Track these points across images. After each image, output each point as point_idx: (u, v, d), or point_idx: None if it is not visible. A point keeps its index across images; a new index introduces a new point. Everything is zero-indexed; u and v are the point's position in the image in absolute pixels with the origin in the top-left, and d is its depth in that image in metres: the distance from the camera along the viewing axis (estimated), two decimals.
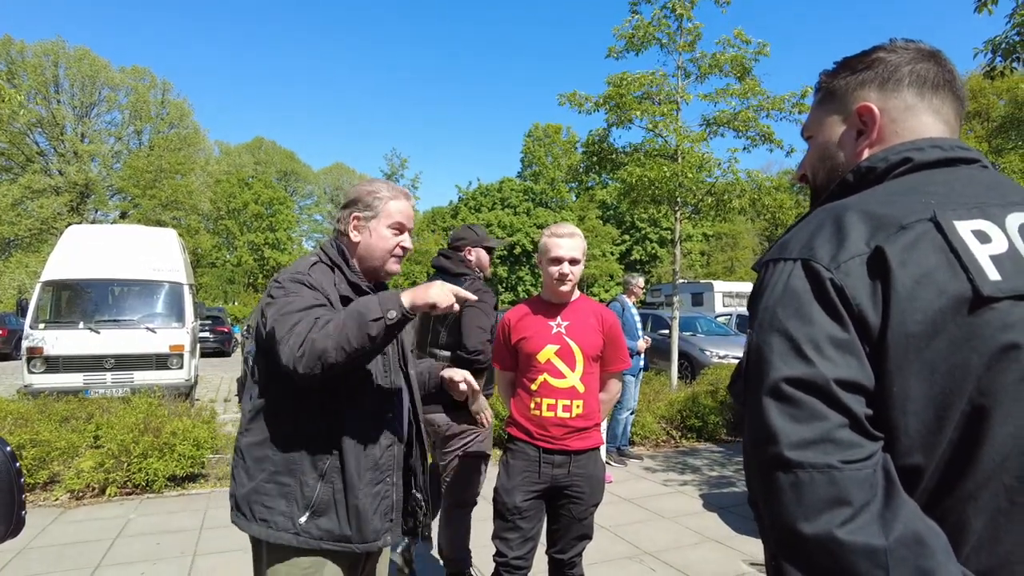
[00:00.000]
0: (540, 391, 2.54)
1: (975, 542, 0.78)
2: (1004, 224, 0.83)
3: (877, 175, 0.95)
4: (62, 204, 32.78)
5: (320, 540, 1.80)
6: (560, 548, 2.61)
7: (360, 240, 1.95)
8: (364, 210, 1.95)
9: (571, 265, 2.54)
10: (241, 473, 1.84)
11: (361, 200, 1.96)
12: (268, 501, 1.79)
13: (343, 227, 1.97)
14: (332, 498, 1.81)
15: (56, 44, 33.46)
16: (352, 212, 1.96)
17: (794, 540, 0.76)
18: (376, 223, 1.95)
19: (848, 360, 0.78)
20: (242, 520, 1.83)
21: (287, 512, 1.79)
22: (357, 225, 1.95)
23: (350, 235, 1.96)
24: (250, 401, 1.88)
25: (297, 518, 1.78)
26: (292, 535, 1.78)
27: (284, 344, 1.64)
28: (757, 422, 0.81)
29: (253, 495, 1.80)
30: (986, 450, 0.76)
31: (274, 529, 1.78)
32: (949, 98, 0.99)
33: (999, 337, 0.76)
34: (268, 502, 1.79)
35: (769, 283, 0.88)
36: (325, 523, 1.80)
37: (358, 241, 1.95)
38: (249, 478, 1.82)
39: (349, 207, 1.97)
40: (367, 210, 1.94)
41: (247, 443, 1.85)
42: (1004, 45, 5.66)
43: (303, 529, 1.78)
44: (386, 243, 1.96)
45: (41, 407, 6.05)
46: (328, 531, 1.80)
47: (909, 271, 0.79)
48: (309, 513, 1.79)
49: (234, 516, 1.86)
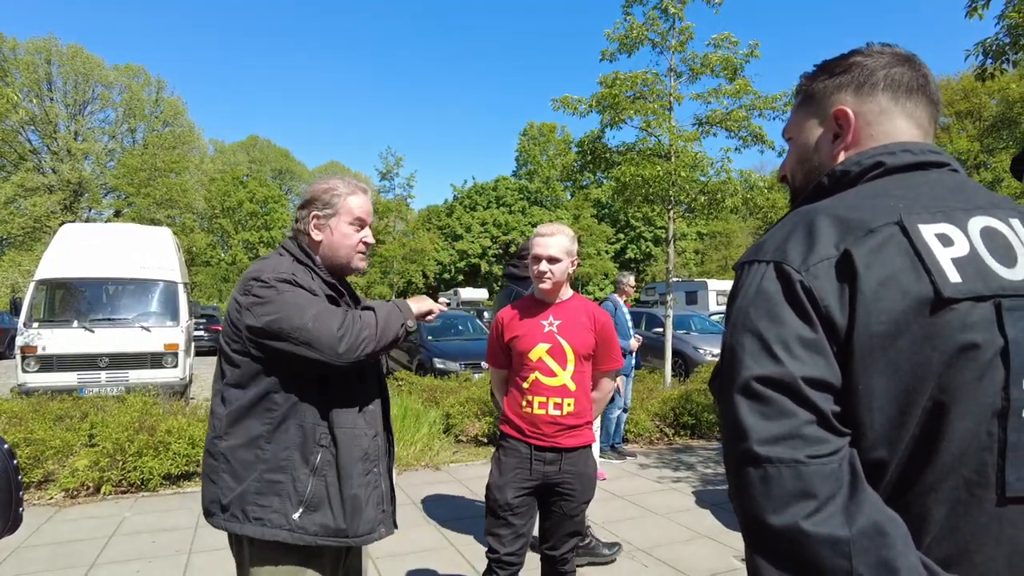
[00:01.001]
0: (532, 389, 2.57)
1: (936, 532, 0.81)
2: (967, 228, 0.86)
3: (851, 179, 0.98)
4: (55, 202, 32.62)
5: (315, 536, 1.80)
6: (552, 544, 2.64)
7: (322, 239, 1.95)
8: (323, 208, 1.95)
9: (549, 263, 2.56)
10: (225, 477, 1.81)
11: (319, 199, 1.96)
12: (261, 500, 1.78)
13: (303, 226, 1.97)
14: (326, 492, 1.82)
15: (48, 41, 33.31)
16: (311, 211, 1.95)
17: (763, 532, 0.79)
18: (336, 220, 1.95)
19: (816, 359, 0.81)
20: (235, 523, 1.80)
21: (280, 509, 1.78)
22: (317, 224, 1.95)
23: (311, 234, 1.95)
24: (224, 405, 1.84)
25: (291, 514, 1.78)
26: (287, 531, 1.78)
27: (313, 329, 1.71)
28: (729, 419, 0.84)
29: (245, 496, 1.79)
30: (946, 444, 0.80)
31: (268, 527, 1.77)
32: (923, 102, 1.01)
33: (958, 337, 0.79)
34: (261, 500, 1.78)
35: (743, 284, 0.91)
36: (319, 518, 1.80)
37: (320, 240, 1.95)
38: (237, 481, 1.80)
39: (307, 207, 1.97)
40: (326, 208, 1.94)
41: (230, 446, 1.81)
42: (994, 47, 5.72)
43: (297, 525, 1.78)
44: (349, 240, 1.96)
45: (35, 406, 6.04)
46: (323, 525, 1.81)
47: (875, 273, 0.82)
48: (303, 509, 1.79)
49: (222, 520, 1.82)
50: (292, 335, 1.72)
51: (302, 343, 1.72)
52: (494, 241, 45.21)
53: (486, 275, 45.26)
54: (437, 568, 3.85)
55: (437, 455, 6.48)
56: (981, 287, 0.81)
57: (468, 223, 46.22)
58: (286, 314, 1.73)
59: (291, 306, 1.75)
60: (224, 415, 1.83)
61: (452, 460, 6.50)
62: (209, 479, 1.85)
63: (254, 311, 1.76)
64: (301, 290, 1.80)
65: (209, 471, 1.85)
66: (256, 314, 1.76)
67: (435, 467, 6.28)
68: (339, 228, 1.95)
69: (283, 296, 1.77)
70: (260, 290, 1.79)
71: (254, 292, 1.79)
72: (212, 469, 1.84)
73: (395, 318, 1.91)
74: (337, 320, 1.76)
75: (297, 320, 1.73)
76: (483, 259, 45.22)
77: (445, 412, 7.11)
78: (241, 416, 1.81)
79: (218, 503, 1.82)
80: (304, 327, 1.72)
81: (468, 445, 7.05)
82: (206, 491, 1.86)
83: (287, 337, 1.73)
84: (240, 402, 1.81)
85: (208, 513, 1.86)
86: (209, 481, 1.85)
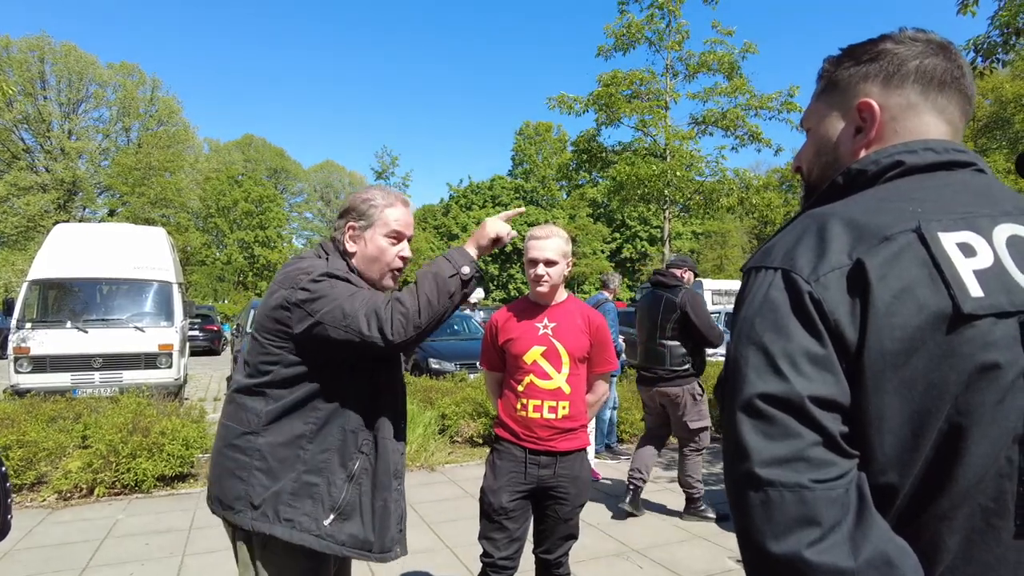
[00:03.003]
0: (526, 392, 2.56)
1: (949, 562, 0.77)
2: (991, 237, 0.79)
3: (867, 178, 0.91)
4: (49, 202, 32.46)
5: (343, 545, 1.76)
6: (546, 548, 2.63)
7: (356, 251, 1.90)
8: (359, 219, 1.89)
9: (546, 267, 2.55)
10: (258, 475, 1.75)
11: (355, 208, 1.91)
12: (294, 501, 1.73)
13: (339, 235, 1.92)
14: (359, 500, 1.78)
15: (42, 40, 33.12)
16: (347, 222, 1.91)
17: (762, 559, 0.75)
18: (372, 232, 1.89)
19: (824, 377, 0.76)
20: (264, 523, 1.73)
21: (312, 513, 1.74)
22: (352, 235, 1.90)
23: (346, 246, 1.90)
24: (264, 401, 1.78)
25: (322, 520, 1.74)
26: (314, 537, 1.73)
27: (363, 316, 1.66)
28: (731, 437, 0.80)
29: (280, 496, 1.73)
30: (962, 470, 0.75)
31: (297, 530, 1.72)
32: (956, 97, 0.94)
33: (978, 356, 0.74)
34: (294, 502, 1.73)
35: (750, 292, 0.86)
36: (349, 527, 1.77)
37: (354, 252, 1.90)
38: (273, 479, 1.74)
39: (344, 216, 1.93)
40: (362, 219, 1.89)
41: (268, 443, 1.75)
42: (985, 45, 5.74)
43: (327, 533, 1.74)
44: (384, 255, 1.90)
45: (28, 407, 6.00)
46: (352, 535, 1.77)
47: (889, 285, 0.76)
48: (334, 516, 1.75)
49: (248, 518, 1.75)
50: (346, 323, 1.68)
51: (353, 330, 1.67)
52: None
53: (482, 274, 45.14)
54: (432, 570, 3.84)
55: (432, 456, 6.47)
56: (1005, 302, 0.75)
57: (464, 222, 46.16)
58: (337, 307, 1.69)
59: (344, 296, 1.71)
60: (264, 411, 1.77)
61: (447, 461, 6.50)
62: (236, 476, 1.78)
63: (307, 306, 1.72)
64: (344, 282, 1.77)
65: (236, 467, 1.78)
66: (312, 312, 1.71)
67: (430, 468, 6.27)
68: (374, 240, 1.89)
69: (334, 291, 1.73)
70: (309, 284, 1.74)
71: (304, 287, 1.74)
72: (241, 466, 1.77)
73: (443, 271, 1.75)
74: (381, 301, 1.70)
75: (348, 308, 1.68)
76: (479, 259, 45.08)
77: (440, 413, 7.10)
78: (284, 413, 1.76)
79: (246, 500, 1.75)
80: (354, 313, 1.67)
81: (463, 446, 7.04)
82: (229, 487, 1.78)
83: (339, 328, 1.68)
84: (285, 400, 1.76)
85: (231, 509, 1.78)
86: (236, 478, 1.78)
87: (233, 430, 1.81)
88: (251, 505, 1.75)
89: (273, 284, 1.85)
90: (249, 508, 1.75)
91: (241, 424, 1.80)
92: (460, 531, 4.49)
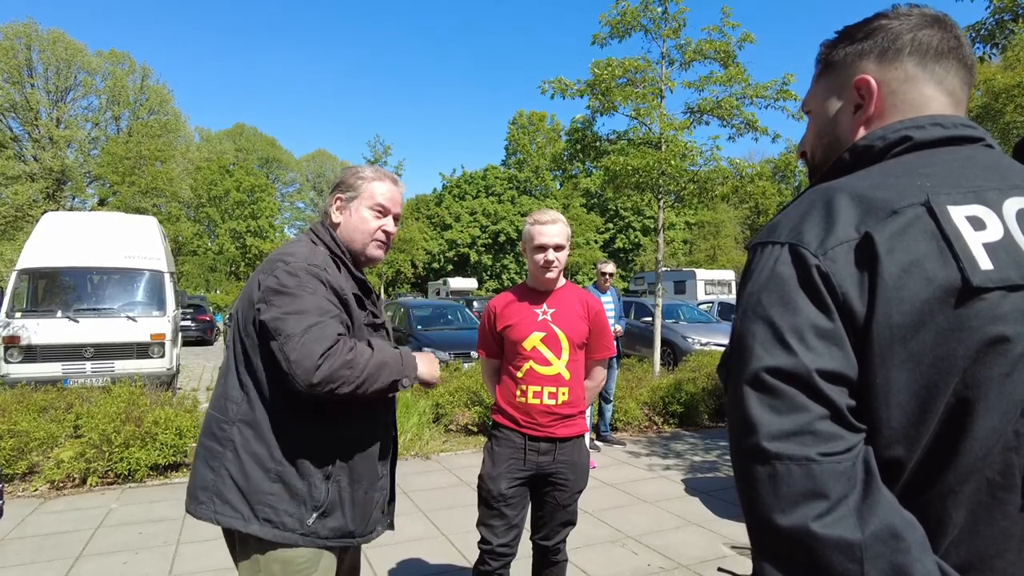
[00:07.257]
0: (526, 378, 2.55)
1: (955, 535, 0.76)
2: (1001, 210, 0.79)
3: (874, 154, 0.91)
4: (37, 191, 32.06)
5: (327, 539, 1.76)
6: (545, 534, 2.63)
7: (340, 221, 1.93)
8: (346, 191, 1.93)
9: (556, 252, 2.54)
10: (231, 467, 1.71)
11: (344, 181, 1.95)
12: (274, 502, 1.69)
13: (327, 207, 1.95)
14: (339, 497, 1.77)
15: (28, 26, 32.56)
16: (335, 194, 1.95)
17: (769, 533, 0.75)
18: (357, 203, 1.92)
19: (832, 350, 0.76)
20: (238, 520, 1.69)
21: (295, 513, 1.71)
22: (339, 206, 1.93)
23: (332, 216, 1.93)
24: (243, 390, 1.74)
25: (306, 519, 1.72)
26: (299, 535, 1.72)
27: (297, 345, 1.58)
28: (737, 411, 0.79)
29: (255, 494, 1.69)
30: (969, 444, 0.75)
31: (280, 530, 1.70)
32: (954, 67, 0.93)
33: (987, 329, 0.73)
34: (274, 503, 1.69)
35: (756, 267, 0.85)
36: (331, 522, 1.76)
37: (339, 222, 1.93)
38: (244, 476, 1.70)
39: (334, 190, 1.96)
40: (349, 190, 1.92)
41: (242, 436, 1.71)
42: (983, 31, 5.75)
43: (311, 530, 1.73)
44: (366, 225, 1.91)
45: (19, 397, 5.95)
46: (335, 529, 1.77)
47: (897, 259, 0.76)
48: (317, 514, 1.74)
49: (212, 511, 1.71)
50: (281, 340, 1.61)
51: (282, 352, 1.61)
52: (483, 230, 45.08)
53: (475, 264, 45.17)
54: (427, 558, 3.84)
55: (427, 444, 6.47)
56: (1014, 275, 0.75)
57: (457, 212, 46.06)
58: (289, 316, 1.63)
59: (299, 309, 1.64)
60: (242, 400, 1.74)
61: (442, 449, 6.50)
62: (208, 465, 1.74)
63: (272, 300, 1.67)
64: (322, 291, 1.70)
65: (209, 457, 1.74)
66: (269, 304, 1.66)
67: (425, 456, 6.27)
68: (359, 212, 1.91)
69: (298, 295, 1.66)
70: (285, 277, 1.69)
71: (281, 280, 1.69)
72: (214, 456, 1.73)
73: (391, 370, 1.73)
74: (326, 344, 1.60)
75: (293, 326, 1.61)
76: (472, 248, 45.11)
77: (435, 401, 7.10)
78: (260, 405, 1.72)
79: (212, 491, 1.72)
80: (293, 336, 1.60)
81: (458, 434, 7.04)
82: (199, 476, 1.75)
83: (276, 338, 1.63)
84: (260, 391, 1.73)
85: (194, 499, 1.74)
86: (207, 468, 1.74)
87: (213, 418, 1.79)
88: (225, 498, 1.71)
89: (257, 269, 1.83)
90: (214, 500, 1.71)
91: (221, 412, 1.76)
92: (455, 519, 4.49)
